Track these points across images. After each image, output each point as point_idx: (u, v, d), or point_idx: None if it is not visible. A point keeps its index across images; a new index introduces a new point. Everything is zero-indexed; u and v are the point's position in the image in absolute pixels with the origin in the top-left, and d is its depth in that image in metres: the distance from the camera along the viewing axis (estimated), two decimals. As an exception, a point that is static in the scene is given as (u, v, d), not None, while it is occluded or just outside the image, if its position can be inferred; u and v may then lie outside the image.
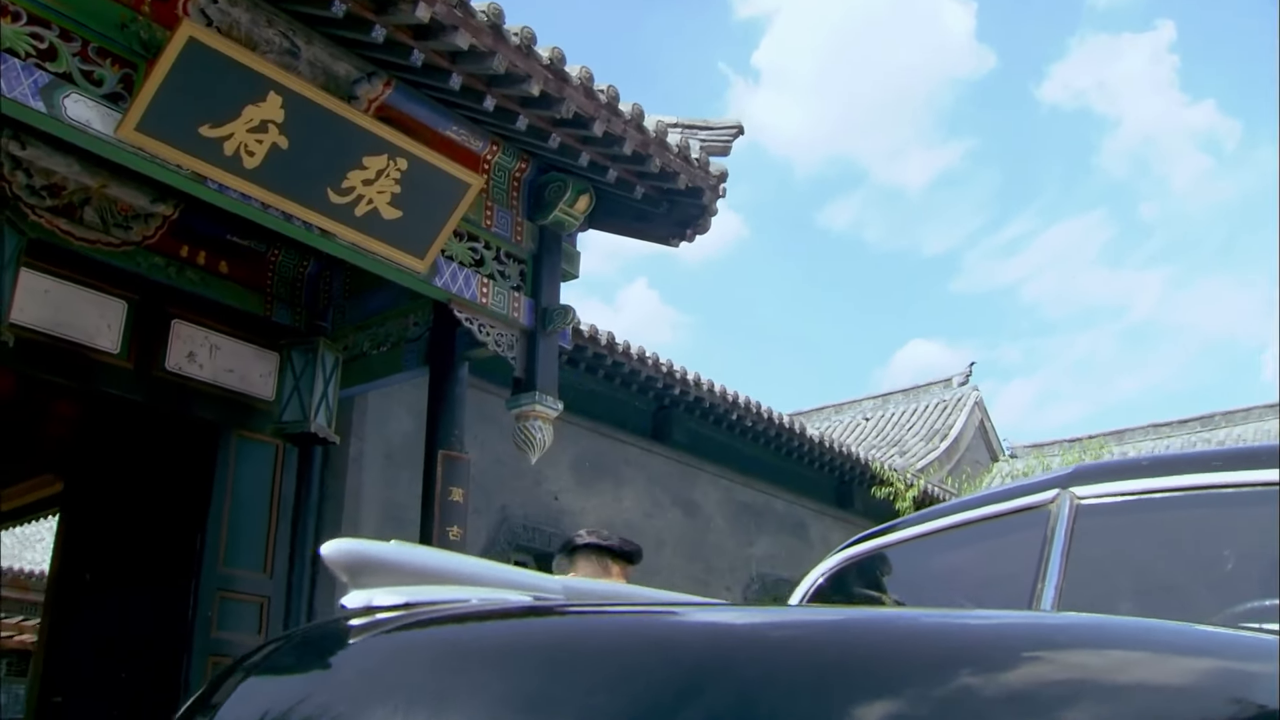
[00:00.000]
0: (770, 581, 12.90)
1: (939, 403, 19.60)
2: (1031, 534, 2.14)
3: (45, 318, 7.05)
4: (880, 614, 1.12)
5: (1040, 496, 2.19)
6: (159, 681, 7.42)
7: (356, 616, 1.15)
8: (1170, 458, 2.26)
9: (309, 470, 8.30)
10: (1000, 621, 1.27)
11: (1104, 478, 2.18)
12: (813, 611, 1.13)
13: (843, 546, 2.56)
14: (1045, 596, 1.95)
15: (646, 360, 11.15)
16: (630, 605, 1.14)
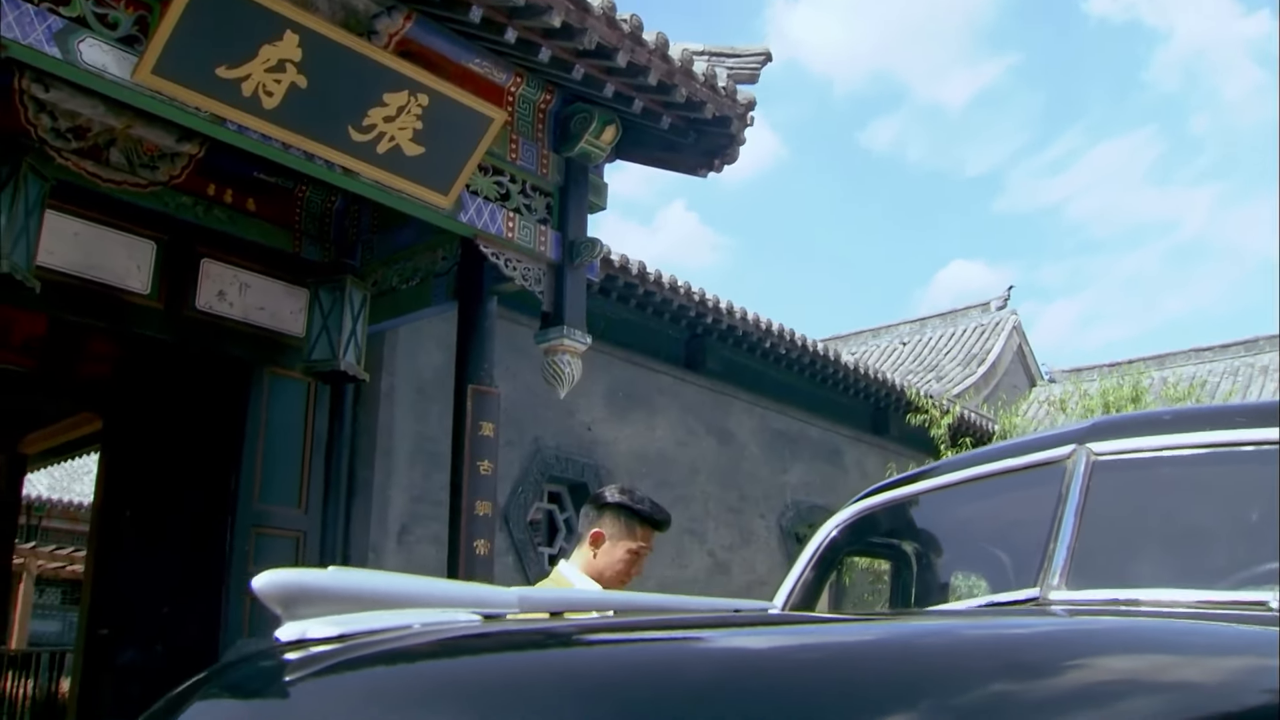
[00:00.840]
0: (805, 509, 12.93)
1: (976, 327, 19.34)
2: (1047, 490, 2.10)
3: (75, 260, 7.09)
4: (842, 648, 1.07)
5: (1056, 452, 2.15)
6: (199, 616, 7.58)
7: (289, 651, 1.09)
8: (1191, 412, 2.20)
9: (341, 406, 8.35)
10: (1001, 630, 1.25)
11: (1122, 433, 2.13)
12: (791, 636, 1.08)
13: (857, 498, 2.53)
14: (1058, 555, 1.92)
15: (678, 289, 11.09)
16: (588, 625, 1.09)
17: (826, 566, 2.47)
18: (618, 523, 3.02)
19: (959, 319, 19.88)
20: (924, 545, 2.64)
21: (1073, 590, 1.85)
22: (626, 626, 1.06)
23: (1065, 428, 2.30)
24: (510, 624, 1.08)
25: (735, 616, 1.16)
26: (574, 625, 1.08)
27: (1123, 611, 1.74)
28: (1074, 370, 18.91)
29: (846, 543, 2.49)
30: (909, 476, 2.48)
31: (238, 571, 7.56)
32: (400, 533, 8.70)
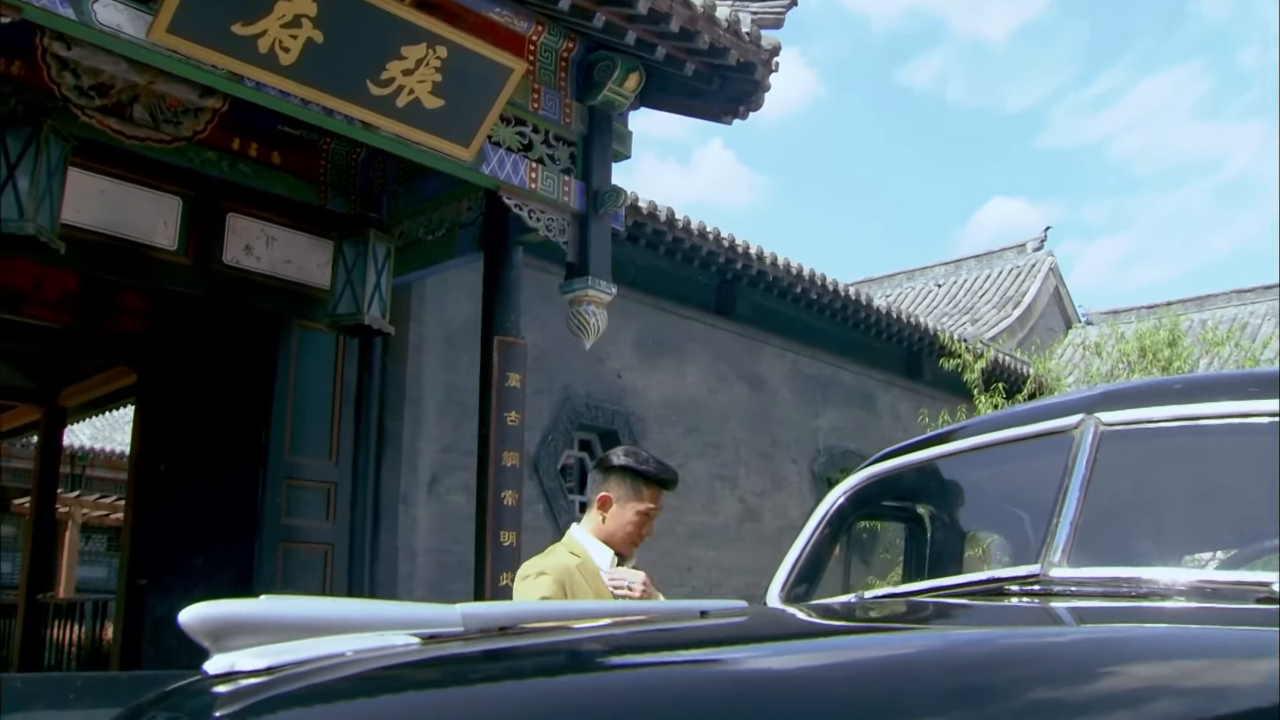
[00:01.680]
0: (837, 454, 12.91)
1: (1012, 269, 19.06)
2: (1054, 460, 2.07)
3: (102, 218, 7.13)
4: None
5: (1064, 421, 2.11)
6: (233, 567, 7.71)
7: (216, 684, 1.05)
8: (1203, 381, 2.15)
9: (370, 358, 8.40)
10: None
11: (1132, 402, 2.08)
12: (755, 653, 1.04)
13: (865, 464, 2.51)
14: (1060, 531, 1.88)
15: (707, 235, 11.00)
16: (537, 647, 1.05)
17: (834, 534, 2.45)
18: (624, 484, 3.00)
19: (994, 261, 19.61)
20: (933, 513, 2.61)
21: (1074, 568, 1.82)
22: (578, 646, 1.04)
23: (1074, 395, 2.25)
24: (450, 647, 1.03)
25: (700, 629, 1.13)
26: (521, 646, 1.04)
27: (1123, 592, 1.70)
28: (1111, 312, 18.62)
29: (854, 510, 2.47)
30: (918, 442, 2.44)
31: (270, 523, 7.67)
32: (430, 483, 8.77)
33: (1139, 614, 1.63)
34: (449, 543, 8.56)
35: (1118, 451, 2.01)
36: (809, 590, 2.35)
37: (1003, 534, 2.35)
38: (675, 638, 1.11)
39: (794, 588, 2.34)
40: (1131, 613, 1.63)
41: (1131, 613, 1.63)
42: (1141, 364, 11.17)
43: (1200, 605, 1.63)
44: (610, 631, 1.09)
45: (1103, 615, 1.64)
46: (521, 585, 2.90)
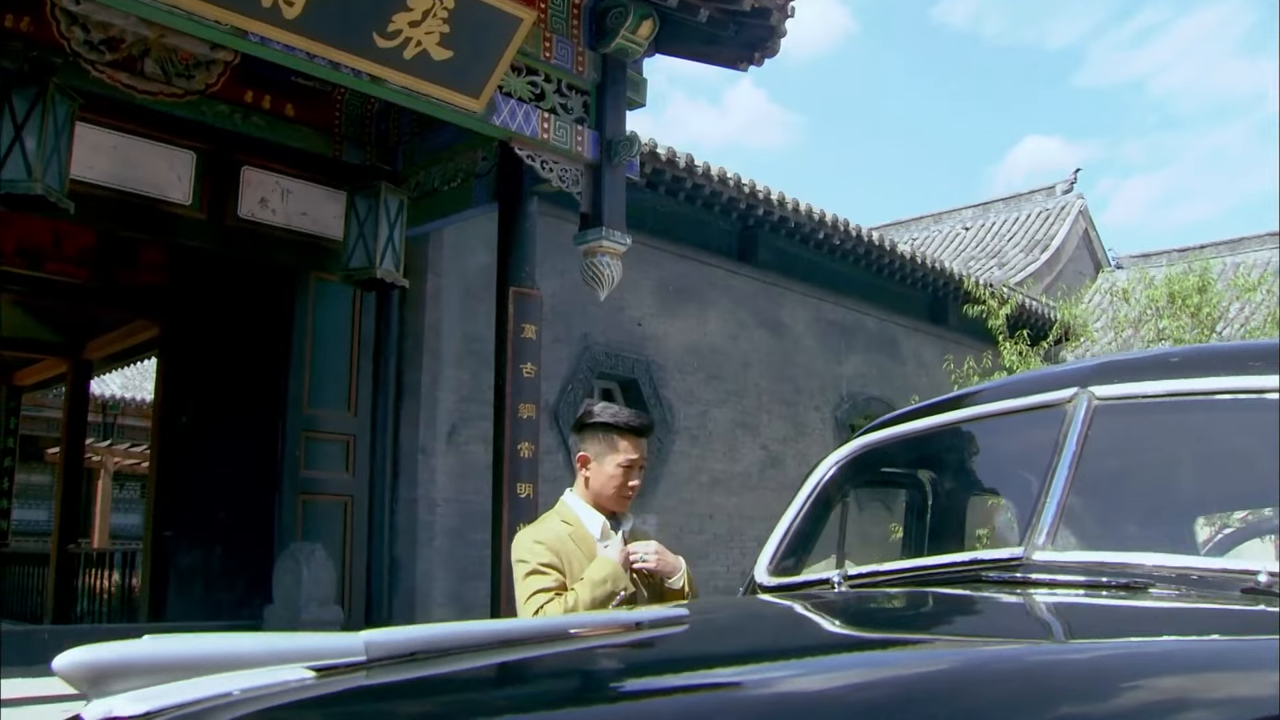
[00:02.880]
0: (860, 400, 12.84)
1: (1041, 212, 18.73)
2: (1045, 434, 2.02)
3: (115, 173, 7.12)
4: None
5: (1057, 394, 2.05)
6: (254, 519, 7.79)
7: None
8: (1201, 355, 2.08)
9: (388, 309, 8.39)
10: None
11: (1127, 376, 2.02)
12: (686, 679, 0.98)
13: (859, 434, 2.46)
14: (1046, 512, 1.83)
15: (728, 181, 10.87)
16: (443, 678, 0.98)
17: (825, 506, 2.41)
18: (597, 440, 2.97)
19: (1023, 203, 19.28)
20: (928, 485, 2.57)
21: (1059, 551, 1.77)
22: (491, 674, 0.99)
23: (1069, 366, 2.19)
24: (349, 680, 0.97)
25: (628, 650, 1.08)
26: (428, 677, 0.99)
27: (1104, 582, 1.66)
28: (1142, 256, 18.31)
29: (846, 481, 2.43)
30: (910, 413, 2.39)
31: (290, 476, 7.72)
32: (450, 433, 8.79)
33: (1110, 614, 1.59)
34: (469, 493, 8.60)
35: (1111, 427, 1.96)
36: (797, 564, 2.32)
37: (994, 509, 2.31)
38: (599, 662, 1.07)
39: (782, 561, 2.31)
40: (1103, 613, 1.59)
41: (1103, 613, 1.59)
42: (1170, 310, 10.98)
43: (1176, 606, 1.58)
44: (529, 655, 1.05)
45: (1071, 614, 1.60)
46: (521, 554, 2.89)
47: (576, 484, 3.03)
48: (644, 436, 3.00)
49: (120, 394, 17.29)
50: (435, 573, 8.42)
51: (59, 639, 6.98)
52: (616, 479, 2.93)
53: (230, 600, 7.77)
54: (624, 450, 2.94)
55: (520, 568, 2.85)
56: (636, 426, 2.98)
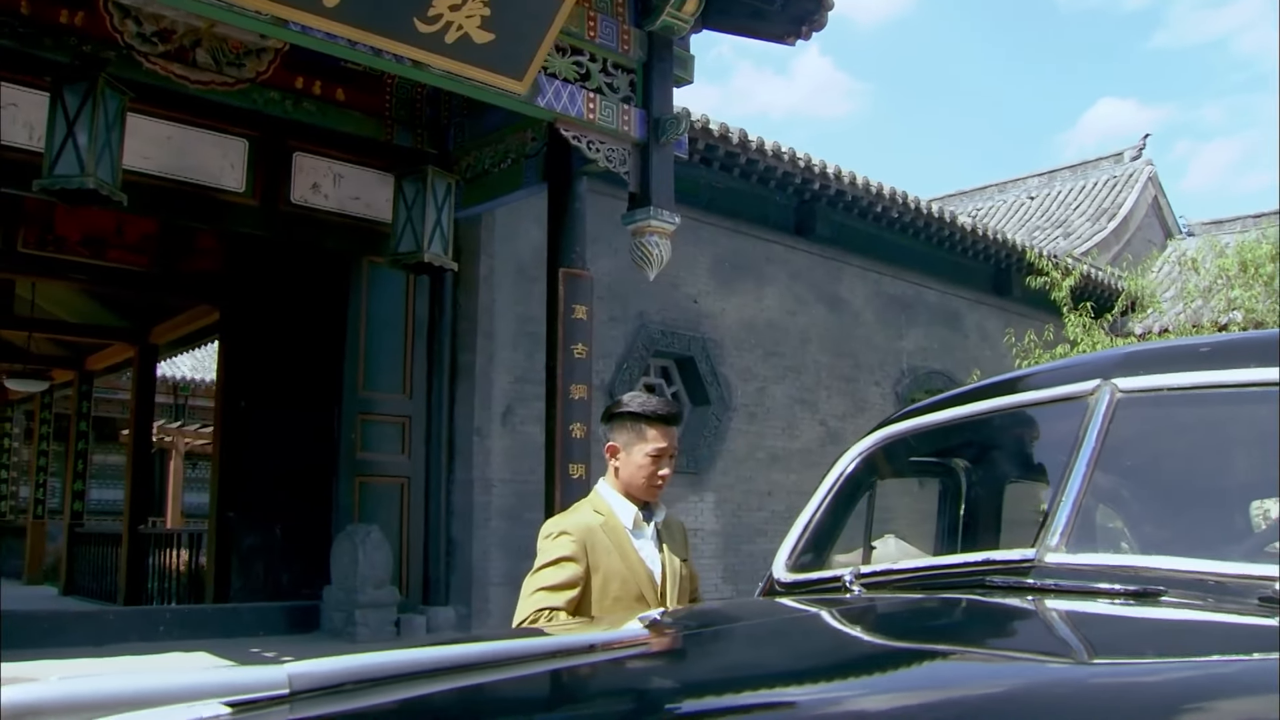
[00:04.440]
0: (922, 374, 12.67)
1: (1109, 179, 18.20)
2: (1066, 428, 1.94)
3: (170, 163, 7.22)
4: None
5: (1079, 386, 1.97)
6: (312, 501, 7.90)
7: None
8: (1234, 344, 1.99)
9: (441, 291, 8.43)
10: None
11: (1154, 367, 1.93)
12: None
13: (877, 426, 2.40)
14: (1061, 512, 1.77)
15: (783, 156, 10.75)
16: (368, 706, 0.92)
17: (848, 499, 2.36)
18: (625, 430, 2.93)
19: (1090, 171, 18.77)
20: (953, 477, 2.50)
21: (1072, 553, 1.71)
22: (417, 707, 0.96)
23: (1094, 356, 2.12)
24: (264, 716, 0.93)
25: (569, 682, 1.04)
26: (351, 712, 0.94)
27: (1115, 590, 1.59)
28: (1214, 223, 17.75)
29: (868, 474, 2.37)
30: (934, 404, 2.33)
31: (346, 458, 7.82)
32: (505, 414, 8.83)
33: (1113, 627, 1.52)
34: (524, 473, 8.64)
35: (1134, 421, 1.88)
36: (816, 559, 2.27)
37: (1017, 504, 2.24)
38: (539, 691, 1.03)
39: (800, 556, 2.27)
40: (1107, 625, 1.53)
41: (1107, 625, 1.53)
42: (1242, 279, 10.64)
43: (1188, 617, 1.51)
44: (464, 684, 1.01)
45: (1074, 625, 1.53)
46: (544, 544, 2.87)
47: (607, 474, 3.01)
48: (673, 425, 2.96)
49: (191, 376, 17.63)
50: (491, 553, 8.48)
51: (124, 620, 7.18)
52: (646, 468, 2.89)
53: (290, 581, 7.91)
54: (653, 439, 2.89)
55: (539, 557, 2.84)
56: (665, 415, 2.93)
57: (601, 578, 2.77)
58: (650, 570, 2.86)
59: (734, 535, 10.56)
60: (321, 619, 7.44)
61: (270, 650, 6.74)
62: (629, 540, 2.88)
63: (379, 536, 7.29)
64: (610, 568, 2.79)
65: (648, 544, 2.90)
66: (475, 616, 8.20)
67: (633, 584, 2.81)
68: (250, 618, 7.35)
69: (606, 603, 2.75)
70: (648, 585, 2.83)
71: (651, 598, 2.83)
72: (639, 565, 2.85)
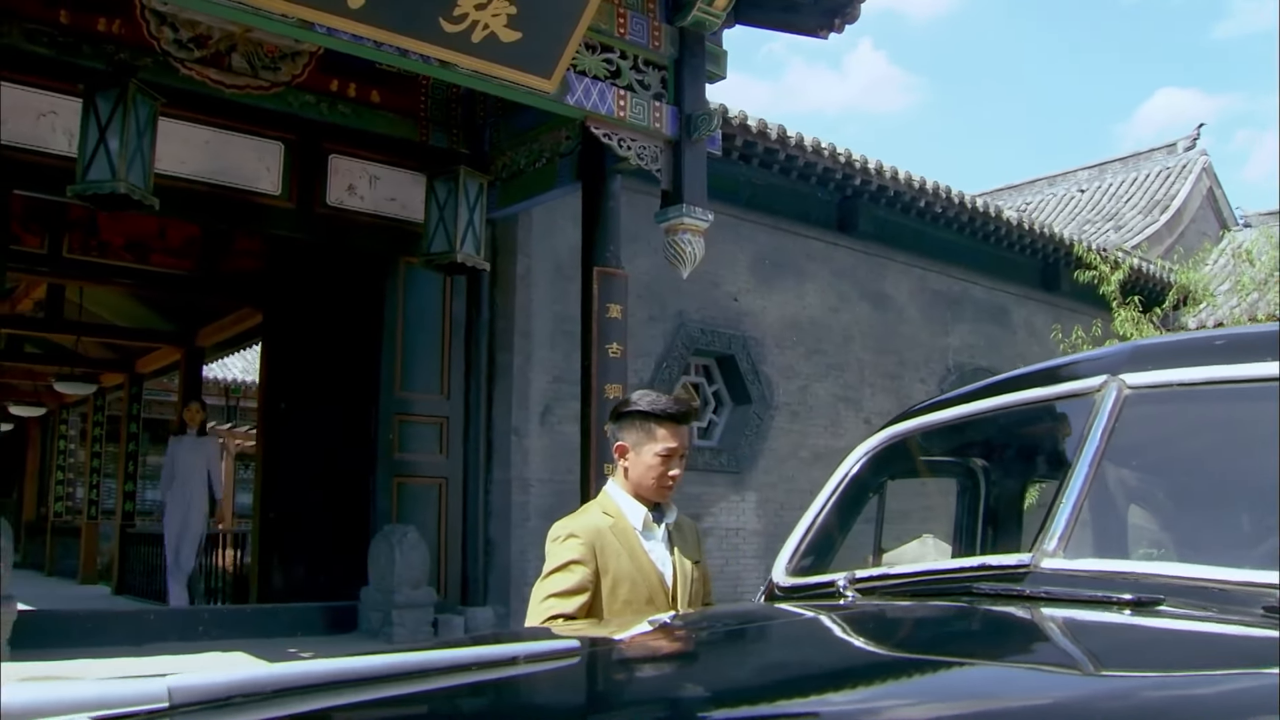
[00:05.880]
0: (968, 371, 12.48)
1: (1161, 170, 17.80)
2: (1072, 426, 1.87)
3: (206, 167, 7.29)
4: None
5: (1086, 383, 1.89)
6: (351, 502, 7.93)
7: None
8: (1249, 337, 1.89)
9: (478, 291, 8.43)
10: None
11: (1163, 361, 1.85)
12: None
13: (886, 424, 2.33)
14: (1060, 515, 1.69)
15: (822, 151, 10.64)
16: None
17: (852, 501, 2.29)
18: (634, 429, 2.85)
19: (1142, 163, 18.37)
20: (951, 479, 2.43)
21: (1070, 558, 1.63)
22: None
23: (1103, 351, 2.03)
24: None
25: (484, 698, 0.99)
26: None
27: (1111, 599, 1.51)
28: (1272, 214, 17.30)
29: (873, 475, 2.31)
30: (939, 402, 2.25)
31: (384, 458, 7.84)
32: (543, 414, 8.81)
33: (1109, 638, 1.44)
34: (562, 472, 8.62)
35: (1141, 419, 1.80)
36: (817, 563, 2.21)
37: (1021, 505, 2.16)
38: (442, 707, 0.98)
39: (801, 560, 2.21)
40: (1101, 636, 1.45)
41: (1101, 636, 1.45)
42: (1299, 271, 10.37)
43: (1184, 628, 1.43)
44: (350, 701, 0.96)
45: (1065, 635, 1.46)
46: (552, 548, 2.83)
47: (616, 474, 2.94)
48: (684, 424, 2.88)
49: (241, 378, 17.82)
50: (529, 553, 8.47)
51: (164, 620, 7.25)
52: (656, 469, 2.83)
53: (329, 581, 7.95)
54: (662, 439, 2.82)
55: (547, 561, 2.79)
56: (675, 414, 2.85)
57: (611, 580, 2.72)
58: (661, 572, 2.80)
59: (776, 535, 10.45)
60: (359, 619, 7.47)
61: (307, 651, 6.78)
62: (639, 542, 2.82)
63: (415, 537, 7.30)
64: (620, 570, 2.73)
65: (658, 546, 2.84)
66: (513, 616, 8.19)
67: (642, 587, 2.75)
68: (288, 618, 7.39)
69: (616, 606, 2.70)
70: (658, 588, 2.78)
71: (662, 600, 2.77)
72: (649, 568, 2.78)
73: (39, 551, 17.23)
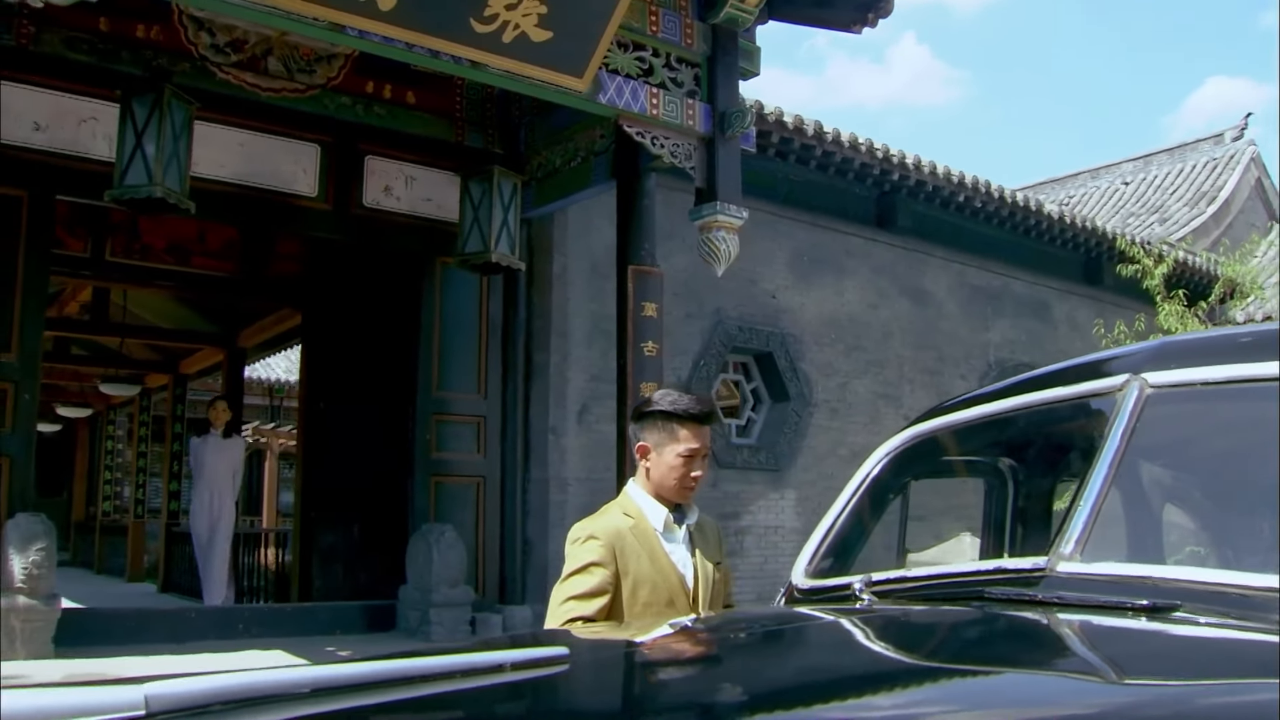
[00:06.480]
0: (1010, 367, 12.33)
1: (1208, 162, 17.46)
2: (1091, 427, 1.83)
3: (244, 170, 7.36)
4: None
5: (1106, 383, 1.85)
6: (389, 501, 7.99)
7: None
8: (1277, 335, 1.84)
9: (514, 290, 8.45)
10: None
11: (1189, 360, 1.80)
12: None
13: (908, 425, 2.30)
14: (1078, 517, 1.66)
15: (860, 147, 10.56)
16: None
17: (874, 501, 2.27)
18: (656, 429, 2.83)
19: (1188, 154, 18.04)
20: (971, 481, 2.39)
21: (1086, 563, 1.60)
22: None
23: (1126, 350, 1.99)
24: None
25: (467, 709, 0.97)
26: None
27: (1125, 605, 1.48)
28: (1321, 203, 16.99)
29: (895, 475, 2.28)
30: (962, 401, 2.22)
31: (421, 458, 7.88)
32: (580, 413, 8.82)
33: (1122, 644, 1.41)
34: (600, 471, 8.61)
35: (1163, 419, 1.76)
36: (837, 565, 2.18)
37: (1041, 507, 2.12)
38: (424, 716, 0.97)
39: (820, 562, 2.19)
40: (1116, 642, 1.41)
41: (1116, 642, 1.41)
42: (1351, 262, 10.15)
43: (1200, 634, 1.40)
44: (329, 709, 0.95)
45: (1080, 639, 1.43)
46: (572, 549, 2.82)
47: (638, 474, 2.93)
48: (706, 424, 2.86)
49: (285, 378, 18.00)
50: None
51: (205, 618, 7.34)
52: (677, 470, 2.81)
53: (368, 580, 8.01)
54: (684, 439, 2.81)
55: (567, 563, 2.78)
56: (697, 414, 2.83)
57: (631, 582, 2.70)
58: (681, 574, 2.78)
59: (815, 533, 10.41)
60: (397, 618, 7.52)
61: (345, 649, 6.83)
62: (659, 543, 2.80)
63: (453, 536, 7.34)
64: (640, 572, 2.72)
65: (679, 547, 2.82)
66: (551, 615, 8.21)
67: (663, 589, 2.73)
68: (327, 616, 7.46)
69: (636, 608, 2.69)
70: (679, 590, 2.76)
71: (683, 603, 2.75)
72: (670, 569, 2.77)
73: (88, 550, 17.51)
